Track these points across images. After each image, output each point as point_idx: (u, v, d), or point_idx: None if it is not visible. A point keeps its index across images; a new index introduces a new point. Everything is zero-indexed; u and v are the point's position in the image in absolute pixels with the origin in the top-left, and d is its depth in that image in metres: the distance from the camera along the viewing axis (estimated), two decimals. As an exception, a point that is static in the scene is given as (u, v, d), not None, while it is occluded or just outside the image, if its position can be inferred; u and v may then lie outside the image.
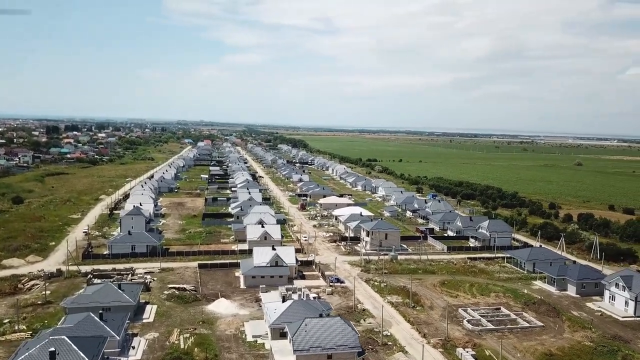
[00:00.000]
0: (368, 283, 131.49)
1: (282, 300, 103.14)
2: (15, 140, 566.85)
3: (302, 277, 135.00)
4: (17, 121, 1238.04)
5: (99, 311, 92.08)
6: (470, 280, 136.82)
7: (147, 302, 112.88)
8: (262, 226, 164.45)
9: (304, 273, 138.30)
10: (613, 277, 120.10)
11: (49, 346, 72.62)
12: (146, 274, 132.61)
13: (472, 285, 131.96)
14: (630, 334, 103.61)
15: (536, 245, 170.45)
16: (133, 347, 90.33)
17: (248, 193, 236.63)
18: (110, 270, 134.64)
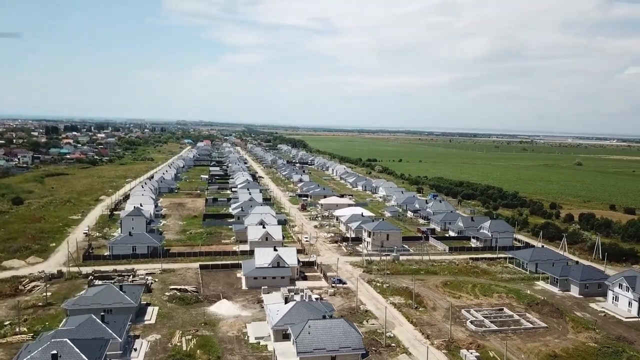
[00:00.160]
0: (370, 284, 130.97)
1: (285, 301, 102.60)
2: (14, 140, 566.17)
3: (304, 278, 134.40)
4: (17, 121, 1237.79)
5: (101, 313, 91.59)
6: (472, 280, 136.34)
7: (149, 304, 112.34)
8: (263, 227, 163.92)
9: (306, 274, 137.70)
10: (616, 278, 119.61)
11: (51, 349, 72.00)
12: (147, 275, 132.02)
13: (475, 285, 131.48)
14: (634, 335, 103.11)
15: (538, 245, 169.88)
16: (135, 349, 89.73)
17: (248, 193, 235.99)
18: (111, 271, 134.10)
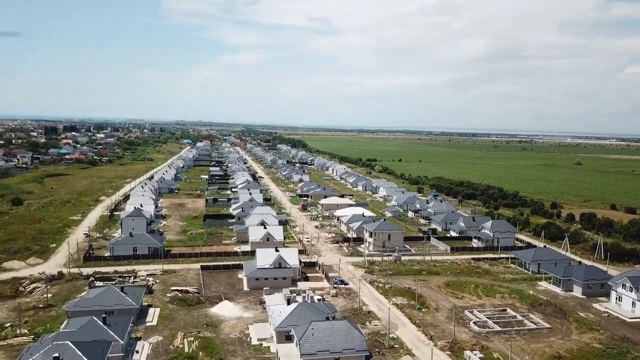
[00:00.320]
0: (372, 284, 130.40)
1: (287, 302, 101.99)
2: (13, 141, 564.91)
3: (306, 279, 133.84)
4: (16, 122, 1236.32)
5: (102, 315, 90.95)
6: (475, 281, 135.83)
7: (150, 305, 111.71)
8: (265, 227, 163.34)
9: (307, 275, 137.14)
10: (620, 278, 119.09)
11: (53, 351, 71.41)
12: (148, 276, 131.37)
13: (477, 286, 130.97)
14: (638, 336, 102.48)
15: (540, 245, 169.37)
16: (137, 352, 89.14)
17: (249, 194, 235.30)
18: (112, 272, 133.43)
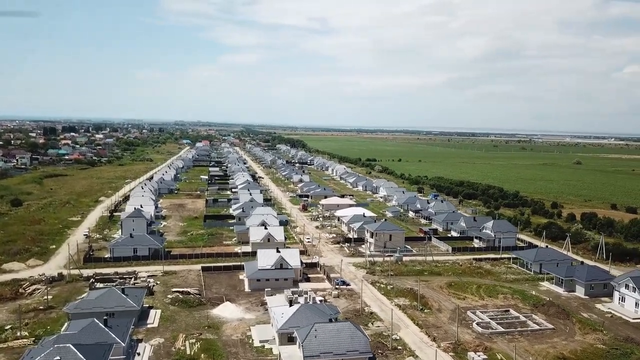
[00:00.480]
0: (374, 285, 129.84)
1: (289, 304, 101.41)
2: (12, 141, 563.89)
3: (307, 280, 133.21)
4: (14, 122, 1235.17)
5: (103, 317, 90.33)
6: (477, 281, 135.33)
7: (151, 307, 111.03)
8: (265, 228, 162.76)
9: (309, 275, 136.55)
10: (623, 278, 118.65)
11: (54, 354, 70.89)
12: (149, 278, 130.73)
13: (479, 286, 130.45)
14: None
15: (542, 245, 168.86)
16: (138, 354, 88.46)
17: (249, 194, 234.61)
18: (112, 274, 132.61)
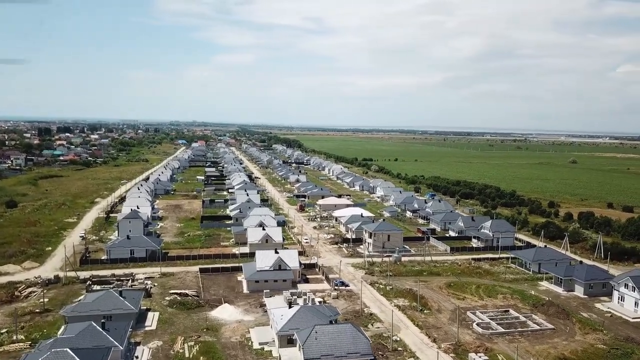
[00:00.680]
0: (373, 286, 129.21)
1: (288, 305, 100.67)
2: (7, 142, 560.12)
3: (306, 281, 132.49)
4: (8, 123, 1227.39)
5: (101, 320, 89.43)
6: (476, 281, 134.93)
7: (149, 309, 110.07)
8: (263, 229, 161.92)
9: (308, 276, 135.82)
10: (622, 278, 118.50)
11: (52, 359, 69.86)
12: (146, 280, 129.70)
13: (479, 286, 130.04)
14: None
15: (540, 245, 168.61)
16: (136, 357, 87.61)
17: (246, 195, 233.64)
18: (109, 276, 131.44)
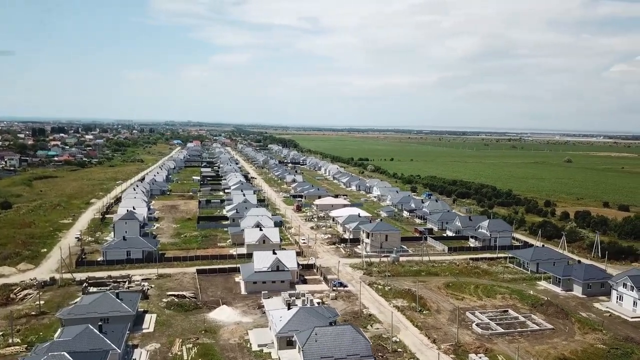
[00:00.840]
0: (372, 286, 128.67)
1: (287, 307, 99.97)
2: (0, 143, 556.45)
3: (304, 282, 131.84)
4: (2, 123, 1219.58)
5: (98, 322, 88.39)
6: (474, 281, 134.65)
7: (146, 311, 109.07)
8: (260, 229, 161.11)
9: (306, 277, 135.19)
10: (621, 277, 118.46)
11: (49, 363, 68.91)
12: (143, 281, 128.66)
13: (477, 286, 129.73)
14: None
15: (538, 244, 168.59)
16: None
17: (242, 195, 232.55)
18: (105, 277, 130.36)
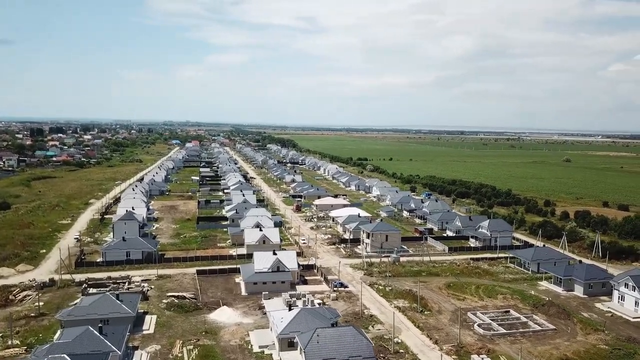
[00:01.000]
0: (372, 287, 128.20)
1: (288, 308, 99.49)
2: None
3: (304, 282, 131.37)
4: (0, 124, 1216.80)
5: (98, 324, 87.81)
6: (475, 281, 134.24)
7: (146, 312, 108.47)
8: (260, 229, 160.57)
9: (306, 278, 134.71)
10: (622, 277, 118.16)
11: (49, 365, 68.33)
12: (143, 282, 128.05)
13: (478, 287, 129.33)
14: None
15: (538, 244, 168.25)
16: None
17: (242, 195, 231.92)
18: (105, 278, 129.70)
